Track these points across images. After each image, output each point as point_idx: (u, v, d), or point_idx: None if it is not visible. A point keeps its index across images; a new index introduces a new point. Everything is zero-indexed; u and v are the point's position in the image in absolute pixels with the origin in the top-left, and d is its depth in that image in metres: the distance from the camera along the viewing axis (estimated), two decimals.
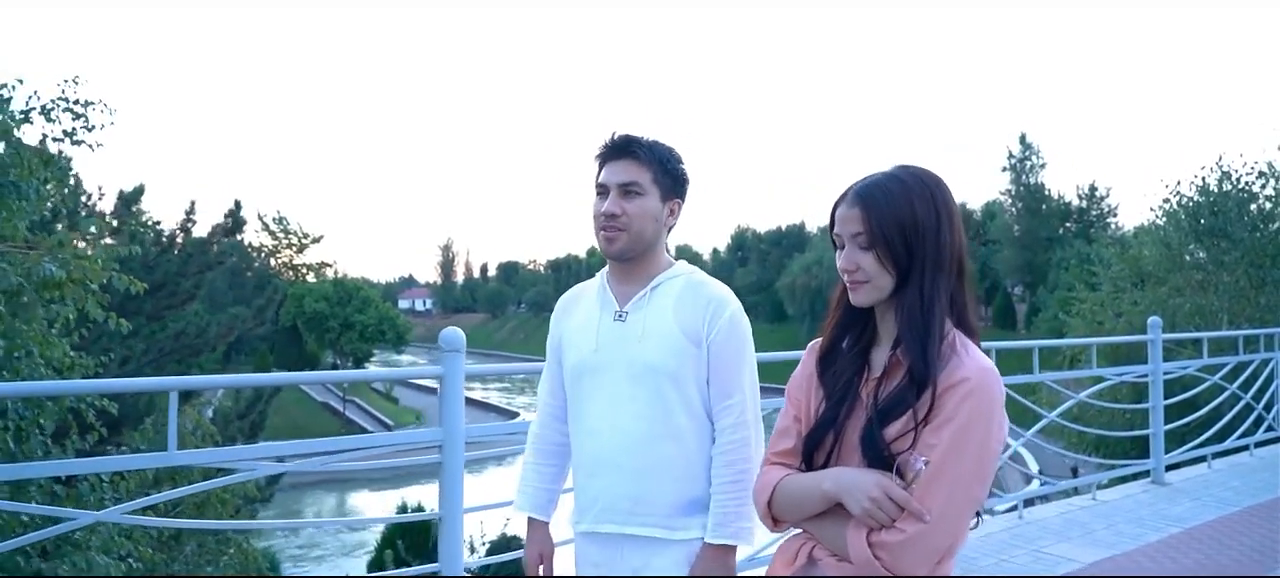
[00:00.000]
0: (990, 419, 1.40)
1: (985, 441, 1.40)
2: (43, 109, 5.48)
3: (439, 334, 3.18)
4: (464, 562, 3.08)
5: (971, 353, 1.45)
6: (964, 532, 1.42)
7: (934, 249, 1.47)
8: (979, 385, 1.40)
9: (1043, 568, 4.39)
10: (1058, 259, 47.96)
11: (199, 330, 13.71)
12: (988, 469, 1.41)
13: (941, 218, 1.48)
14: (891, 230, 1.46)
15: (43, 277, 4.81)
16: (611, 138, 2.00)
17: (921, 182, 1.50)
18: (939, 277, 1.47)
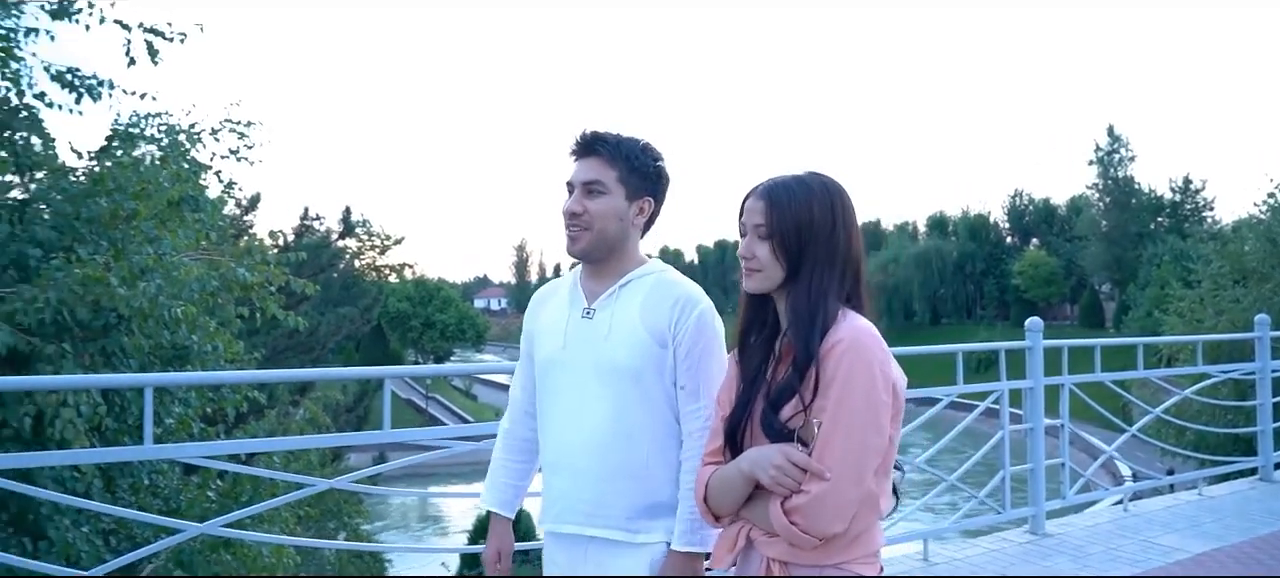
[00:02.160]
0: (870, 369, 1.49)
1: (869, 390, 1.48)
2: (212, 130, 6.12)
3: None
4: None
5: (849, 320, 1.56)
6: (866, 480, 1.49)
7: (826, 248, 1.59)
8: (852, 342, 1.50)
9: (1154, 557, 4.57)
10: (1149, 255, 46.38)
11: (311, 329, 14.56)
12: (878, 418, 1.49)
13: (837, 221, 1.61)
14: (789, 226, 1.59)
15: (233, 279, 5.46)
16: (579, 135, 1.94)
17: (825, 187, 1.63)
18: (829, 273, 1.58)
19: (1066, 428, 5.06)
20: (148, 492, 5.56)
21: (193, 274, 5.17)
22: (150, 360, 5.00)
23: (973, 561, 4.45)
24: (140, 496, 5.45)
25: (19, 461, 2.89)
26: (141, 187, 5.22)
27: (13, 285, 4.51)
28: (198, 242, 5.81)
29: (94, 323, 4.63)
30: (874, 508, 1.53)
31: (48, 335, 4.43)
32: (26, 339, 4.33)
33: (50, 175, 5.42)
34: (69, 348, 4.52)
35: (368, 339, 48.13)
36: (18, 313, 4.28)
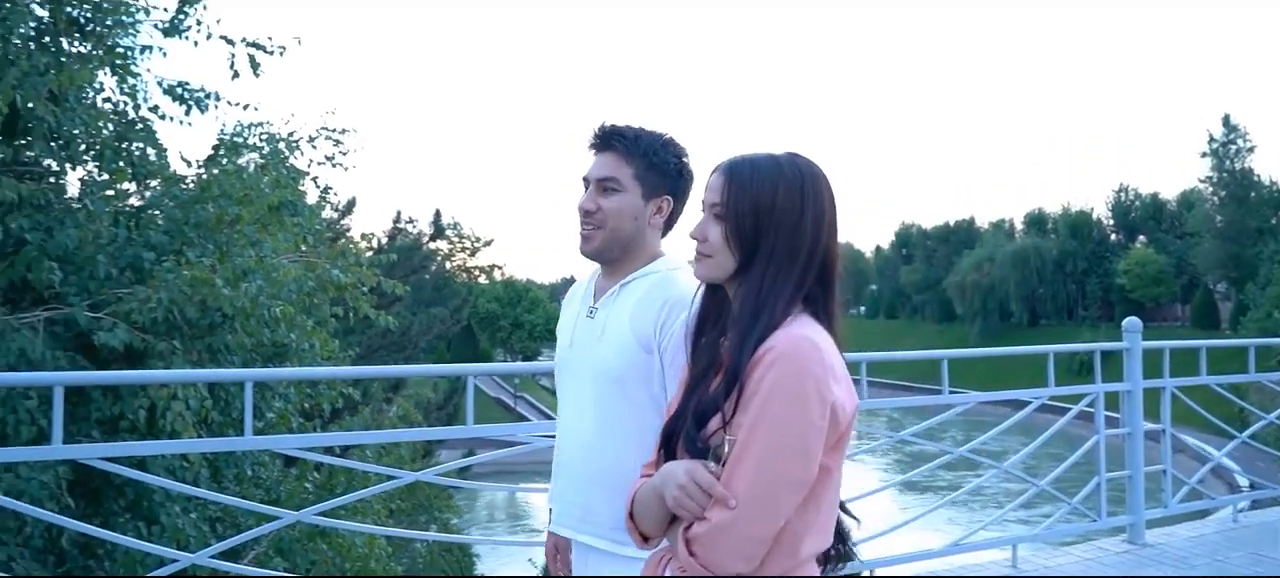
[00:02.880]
0: (800, 386, 1.26)
1: (794, 410, 1.25)
2: (309, 138, 6.42)
3: None
4: None
5: (794, 325, 1.33)
6: (781, 515, 1.25)
7: (787, 238, 1.38)
8: (784, 353, 1.27)
9: (1264, 570, 4.33)
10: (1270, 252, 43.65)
11: (403, 329, 15.03)
12: (805, 444, 1.25)
13: (805, 210, 1.39)
14: (745, 208, 1.38)
15: (328, 280, 5.72)
16: (597, 128, 1.84)
17: (797, 169, 1.41)
18: (785, 268, 1.37)
19: (1167, 433, 4.83)
20: (250, 482, 5.86)
21: (291, 275, 5.42)
22: (252, 357, 5.27)
23: (1064, 567, 4.30)
24: (243, 485, 5.75)
25: (134, 449, 3.12)
26: (244, 193, 5.51)
27: (129, 287, 4.82)
28: (297, 245, 6.10)
29: (201, 322, 4.92)
30: (793, 553, 1.29)
31: (160, 333, 4.73)
32: (141, 337, 4.62)
33: (163, 183, 5.77)
34: (179, 345, 4.81)
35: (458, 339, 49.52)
36: (133, 312, 4.58)
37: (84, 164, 5.46)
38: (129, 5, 5.35)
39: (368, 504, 7.42)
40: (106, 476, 3.64)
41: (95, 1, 5.31)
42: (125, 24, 5.46)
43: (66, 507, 4.12)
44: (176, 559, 3.03)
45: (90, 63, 5.17)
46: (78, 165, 5.43)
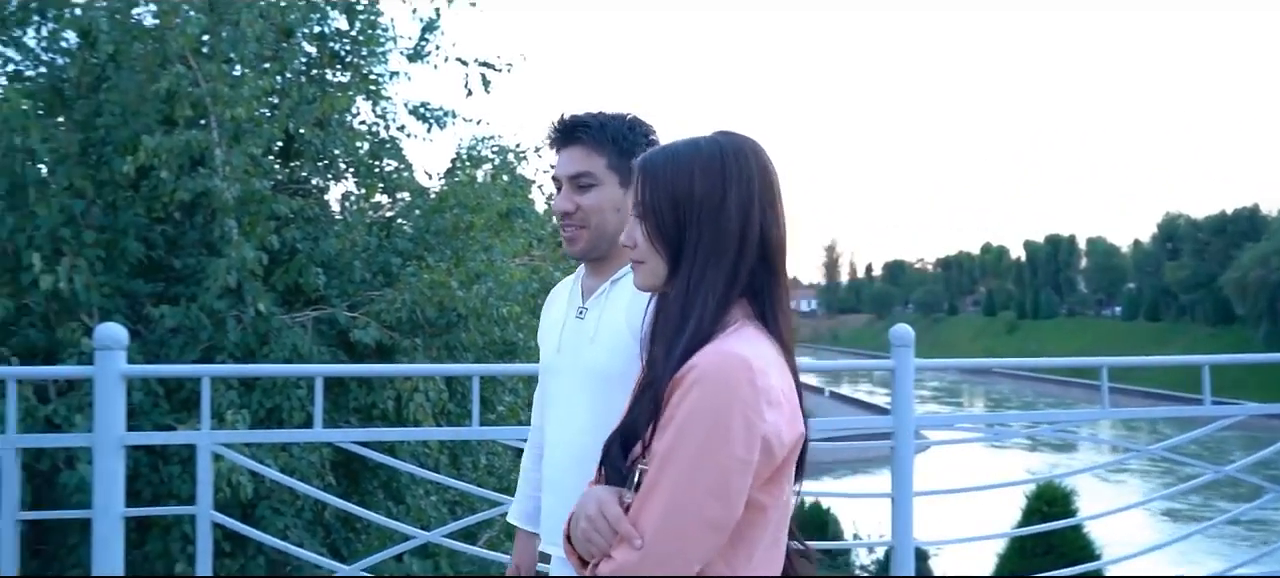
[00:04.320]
0: (721, 414, 1.09)
1: (711, 442, 1.08)
2: (536, 148, 6.84)
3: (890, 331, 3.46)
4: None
5: (726, 338, 1.16)
6: (693, 561, 1.09)
7: (711, 228, 1.20)
8: (705, 374, 1.11)
9: None
10: None
11: None
12: (724, 481, 1.09)
13: (727, 193, 1.20)
14: (663, 202, 1.22)
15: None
16: (557, 122, 1.71)
17: (716, 148, 1.24)
18: (714, 263, 1.19)
19: None
20: (484, 470, 6.32)
21: (517, 278, 5.80)
22: (484, 354, 5.69)
23: None
24: (478, 473, 6.21)
25: (380, 435, 3.48)
26: (477, 202, 5.96)
27: (380, 289, 5.38)
28: (525, 249, 6.51)
29: (439, 321, 5.38)
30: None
31: (404, 331, 5.23)
32: (389, 334, 5.13)
33: (410, 195, 6.36)
34: (420, 342, 5.30)
35: None
36: (383, 312, 5.10)
37: (344, 180, 6.16)
38: (380, 37, 5.95)
39: None
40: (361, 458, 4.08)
41: (353, 36, 5.96)
42: (377, 54, 6.08)
43: (329, 485, 4.65)
44: (416, 536, 3.34)
45: (349, 90, 5.81)
46: (339, 181, 6.13)
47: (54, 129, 4.48)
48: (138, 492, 4.06)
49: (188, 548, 4.01)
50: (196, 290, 4.63)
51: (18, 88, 4.59)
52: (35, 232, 4.09)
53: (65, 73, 4.89)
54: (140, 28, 4.74)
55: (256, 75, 4.78)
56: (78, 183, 4.34)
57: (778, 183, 1.27)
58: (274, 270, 4.97)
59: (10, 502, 2.73)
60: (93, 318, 4.16)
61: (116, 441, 2.74)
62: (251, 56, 4.94)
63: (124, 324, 2.95)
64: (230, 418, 4.07)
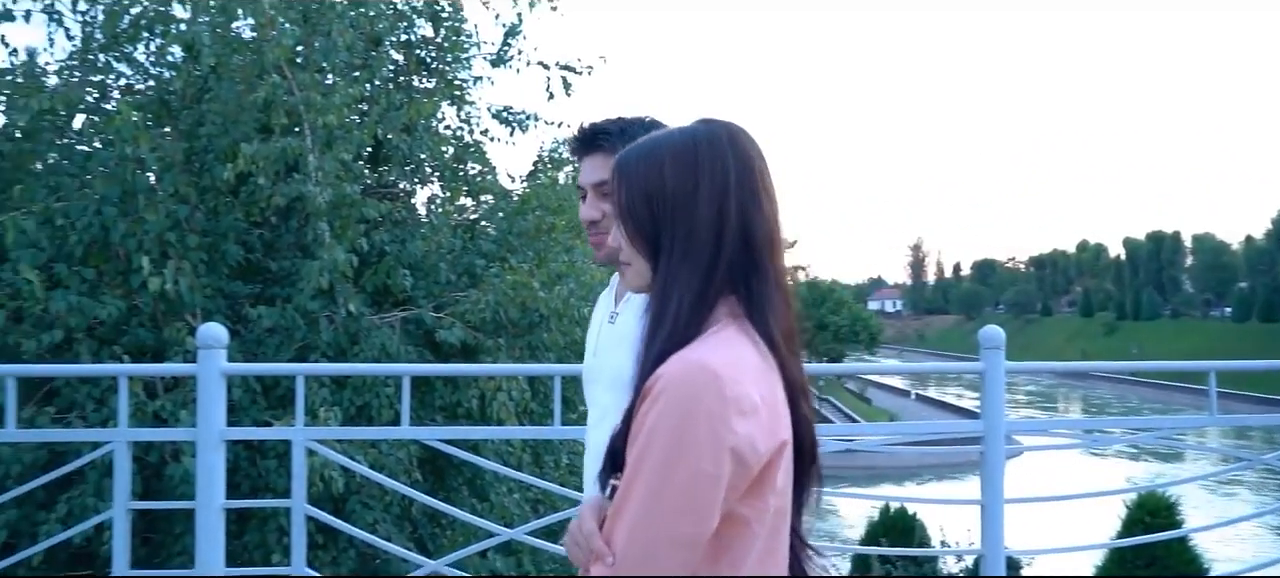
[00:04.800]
0: (686, 425, 1.04)
1: (676, 455, 1.03)
2: None
3: (979, 333, 3.35)
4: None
5: (707, 339, 1.11)
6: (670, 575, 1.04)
7: (683, 225, 1.14)
8: (670, 384, 1.06)
9: None
10: None
11: None
12: (692, 498, 1.04)
13: (700, 184, 1.15)
14: (637, 199, 1.17)
15: None
16: (577, 131, 1.71)
17: (689, 138, 1.18)
18: (690, 261, 1.14)
19: None
20: (566, 470, 6.39)
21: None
22: (566, 354, 5.75)
23: None
24: (561, 472, 6.28)
25: (464, 433, 3.58)
26: (559, 203, 6.03)
27: (464, 290, 5.49)
28: None
29: (522, 321, 5.46)
30: None
31: (488, 331, 5.32)
32: (474, 334, 5.24)
33: (494, 198, 6.48)
34: (504, 342, 5.39)
35: None
36: (467, 312, 5.21)
37: (430, 184, 6.30)
38: (464, 43, 6.08)
39: None
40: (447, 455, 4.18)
41: (438, 43, 6.11)
42: (461, 60, 6.21)
43: (416, 481, 4.77)
44: (499, 533, 3.40)
45: (434, 96, 5.95)
46: (425, 185, 6.28)
47: (161, 139, 4.72)
48: (237, 485, 4.24)
49: (283, 540, 4.17)
50: (291, 292, 4.81)
51: (129, 101, 4.85)
52: (144, 236, 4.32)
53: (171, 85, 5.15)
54: (239, 40, 4.96)
55: (347, 83, 4.93)
56: (182, 189, 4.56)
57: (760, 170, 1.20)
58: (364, 272, 5.13)
59: (123, 492, 2.89)
60: (196, 318, 4.36)
61: (217, 435, 2.87)
62: (342, 65, 5.11)
63: (224, 324, 3.09)
64: (323, 415, 4.22)
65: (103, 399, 4.15)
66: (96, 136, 4.87)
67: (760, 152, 1.22)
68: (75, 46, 5.15)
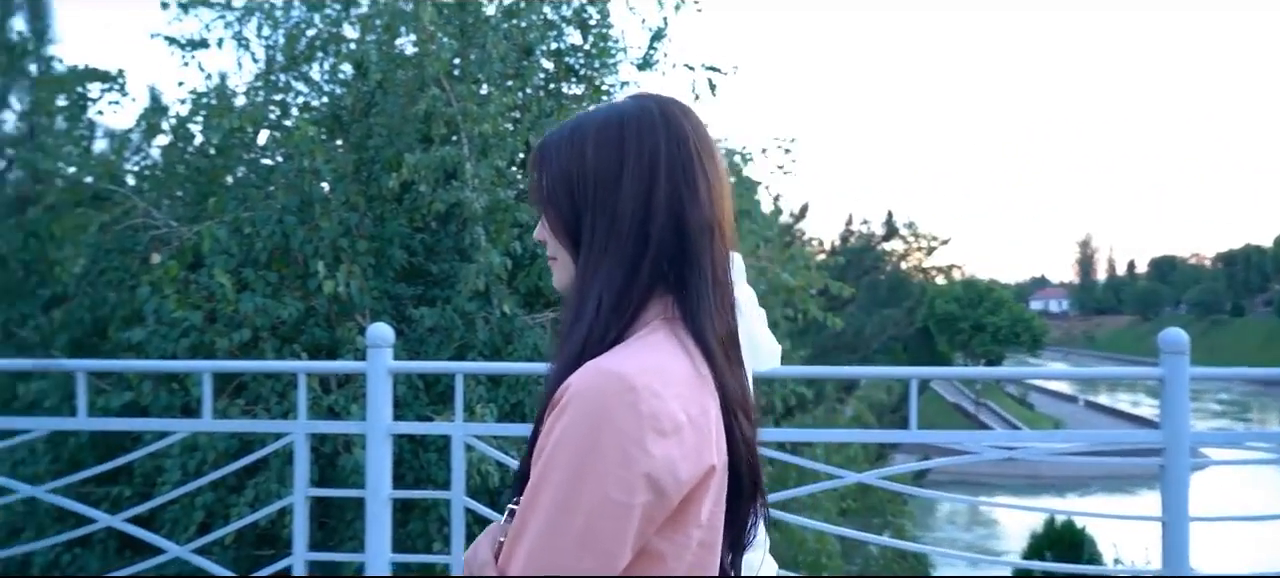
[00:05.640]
0: (590, 450, 0.88)
1: (578, 483, 0.88)
2: (762, 149, 6.84)
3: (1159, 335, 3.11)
4: None
5: (622, 349, 0.95)
6: None
7: (605, 214, 0.99)
8: (579, 393, 0.90)
9: None
10: None
11: (856, 330, 15.15)
12: (588, 529, 0.87)
13: (625, 164, 0.99)
14: (558, 184, 1.03)
15: (779, 283, 6.09)
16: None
17: (616, 115, 1.02)
18: (612, 252, 0.98)
19: None
20: None
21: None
22: None
23: None
24: None
25: None
26: None
27: None
28: (753, 250, 6.52)
29: None
30: None
31: None
32: None
33: None
34: None
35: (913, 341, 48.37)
36: None
37: None
38: (611, 49, 6.19)
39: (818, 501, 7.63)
40: None
41: (586, 50, 6.25)
42: (609, 65, 6.33)
43: None
44: None
45: (583, 102, 6.09)
46: None
47: (334, 151, 5.07)
48: (402, 476, 4.49)
49: (444, 529, 4.37)
50: (450, 293, 5.05)
51: (306, 117, 5.24)
52: (320, 242, 4.64)
53: (343, 101, 5.52)
54: (403, 57, 5.25)
55: (501, 93, 5.13)
56: (352, 198, 4.87)
57: (699, 151, 1.04)
58: (517, 274, 5.31)
59: (302, 479, 3.12)
60: (365, 318, 4.65)
61: (385, 429, 3.05)
62: (496, 76, 5.32)
63: (390, 324, 3.28)
64: (479, 411, 4.40)
65: (284, 393, 4.49)
66: (278, 151, 5.29)
67: (701, 130, 1.06)
68: (260, 69, 5.61)
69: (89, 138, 6.12)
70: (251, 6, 5.45)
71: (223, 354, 4.44)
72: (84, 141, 5.84)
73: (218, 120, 4.88)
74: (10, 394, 5.04)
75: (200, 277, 4.62)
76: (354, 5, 5.57)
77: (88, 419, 3.57)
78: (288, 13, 5.51)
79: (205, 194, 5.13)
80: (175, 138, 5.51)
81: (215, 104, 5.12)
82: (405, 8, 5.19)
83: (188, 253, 4.69)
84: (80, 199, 5.30)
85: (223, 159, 5.20)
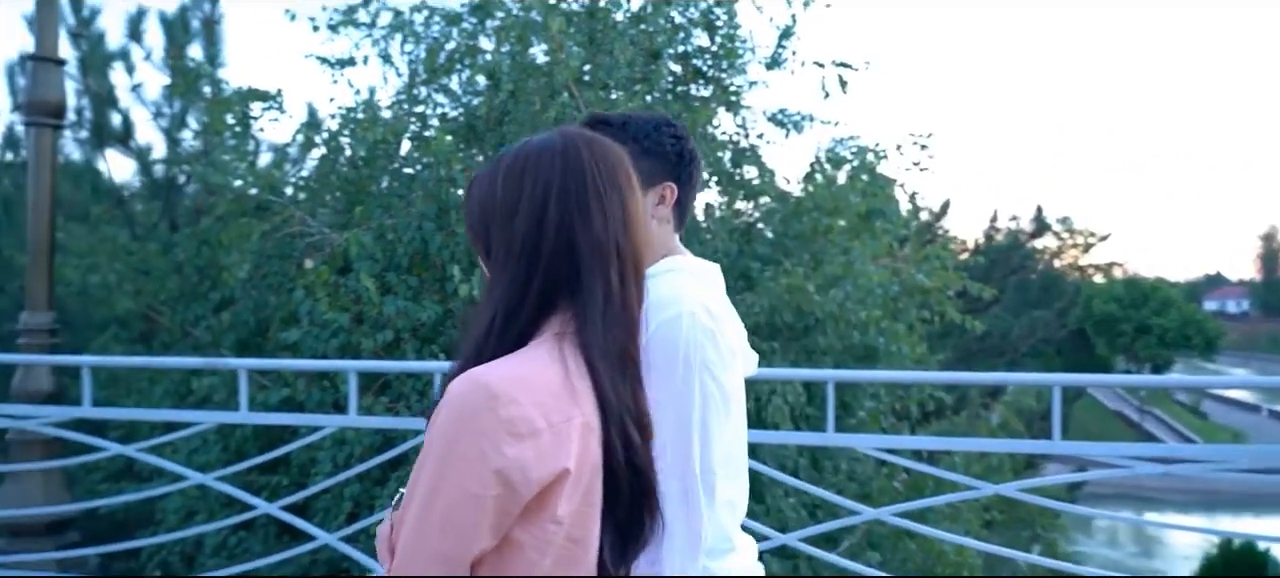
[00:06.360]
0: (452, 447, 1.04)
1: (441, 476, 1.04)
2: (897, 146, 6.61)
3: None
4: None
5: (500, 361, 1.08)
6: None
7: (502, 238, 1.13)
8: (450, 398, 1.06)
9: None
10: None
11: (1002, 333, 14.40)
12: (447, 516, 1.03)
13: (522, 195, 1.13)
14: (475, 216, 1.18)
15: (914, 285, 5.87)
16: (583, 121, 1.60)
17: (525, 149, 1.16)
18: (505, 276, 1.13)
19: None
20: (845, 476, 6.23)
21: (877, 280, 5.63)
22: (843, 358, 5.61)
23: None
24: (839, 478, 6.14)
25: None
26: (835, 205, 5.90)
27: (740, 294, 5.54)
28: (887, 250, 6.32)
29: (797, 325, 5.41)
30: None
31: (763, 335, 5.33)
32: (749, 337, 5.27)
33: (771, 202, 6.48)
34: (778, 345, 5.37)
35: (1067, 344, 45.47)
36: (743, 316, 5.23)
37: (707, 190, 6.44)
38: (739, 49, 6.14)
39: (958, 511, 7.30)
40: None
41: (713, 51, 6.23)
42: (737, 66, 6.28)
43: None
44: (772, 538, 3.40)
45: (711, 104, 6.08)
46: (702, 191, 6.43)
47: (470, 159, 5.27)
48: None
49: None
50: None
51: (443, 127, 5.47)
52: (456, 247, 4.84)
53: (477, 111, 5.73)
54: (534, 66, 5.40)
55: (628, 98, 5.19)
56: None
57: (595, 183, 1.15)
58: None
59: None
60: None
61: None
62: (623, 80, 5.38)
63: None
64: None
65: (423, 392, 4.71)
66: (418, 160, 5.55)
67: (607, 162, 1.18)
68: (403, 83, 5.90)
69: (254, 153, 6.63)
70: (396, 25, 5.74)
71: (368, 354, 4.70)
72: (250, 156, 6.31)
73: (364, 133, 5.17)
74: (186, 389, 5.51)
75: (348, 281, 4.90)
76: (489, 18, 5.77)
77: (248, 413, 3.87)
78: (428, 28, 5.78)
79: (354, 202, 5.45)
80: (328, 150, 5.88)
81: (361, 118, 5.43)
82: (536, 19, 5.33)
83: (338, 258, 4.99)
84: (245, 209, 5.73)
85: (369, 169, 5.49)
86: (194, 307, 6.04)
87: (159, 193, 8.10)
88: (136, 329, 6.82)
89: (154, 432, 3.93)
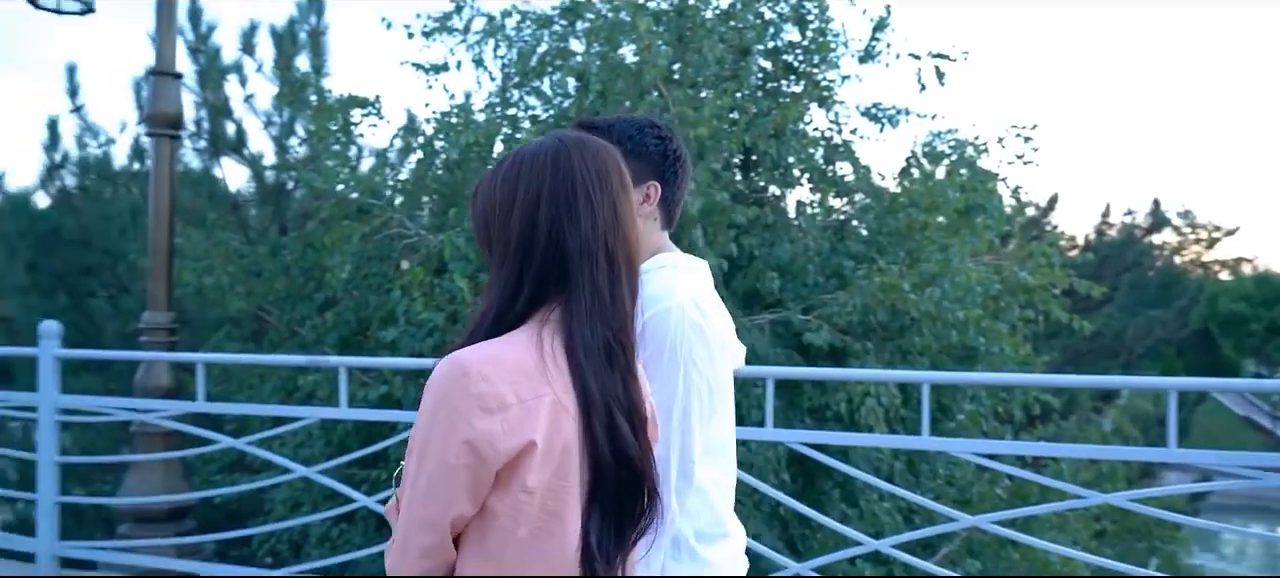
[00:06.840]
0: (431, 420, 1.14)
1: (422, 445, 1.16)
2: (999, 139, 6.35)
3: None
4: None
5: (481, 344, 1.17)
6: (410, 555, 1.17)
7: (500, 237, 1.22)
8: (433, 378, 1.16)
9: None
10: None
11: (1115, 333, 13.68)
12: (428, 483, 1.14)
13: (516, 198, 1.21)
14: (479, 219, 1.27)
15: (1017, 282, 5.63)
16: (573, 125, 1.65)
17: (521, 153, 1.24)
18: (501, 272, 1.22)
19: None
20: (943, 481, 6.02)
21: (976, 278, 5.42)
22: (940, 359, 5.42)
23: None
24: (937, 483, 5.94)
25: (823, 437, 3.53)
26: (932, 201, 5.71)
27: (832, 292, 5.43)
28: (987, 247, 6.07)
29: (892, 324, 5.26)
30: None
31: (856, 334, 5.21)
32: (841, 337, 5.16)
33: (865, 198, 6.33)
34: (872, 345, 5.23)
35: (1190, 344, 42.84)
36: (835, 315, 5.14)
37: (800, 187, 6.33)
38: (831, 43, 6.02)
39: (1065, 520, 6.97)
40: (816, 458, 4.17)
41: (804, 46, 6.12)
42: (829, 60, 6.16)
43: (783, 482, 4.82)
44: (866, 544, 3.31)
45: (802, 99, 5.97)
46: (794, 188, 6.32)
47: None
48: None
49: None
50: None
51: (535, 129, 5.55)
52: None
53: (568, 112, 5.78)
54: (622, 65, 5.41)
55: (716, 95, 5.15)
56: None
57: (585, 185, 1.21)
58: (734, 276, 5.30)
59: None
60: None
61: None
62: (712, 78, 5.34)
63: None
64: None
65: None
66: None
67: (598, 164, 1.24)
68: (496, 86, 6.01)
69: (356, 158, 6.87)
70: (488, 30, 5.85)
71: None
72: (351, 161, 6.54)
73: (457, 136, 5.29)
74: (293, 386, 5.76)
75: (443, 281, 5.02)
76: (579, 20, 5.82)
77: (347, 410, 4.00)
78: (519, 32, 5.87)
79: (449, 205, 5.58)
80: (424, 154, 6.04)
81: (455, 122, 5.55)
82: (625, 19, 5.34)
83: (433, 260, 5.12)
84: (347, 212, 5.95)
85: (463, 172, 5.62)
86: (300, 307, 6.30)
87: (269, 198, 8.49)
88: (248, 328, 7.16)
89: (263, 426, 4.11)
